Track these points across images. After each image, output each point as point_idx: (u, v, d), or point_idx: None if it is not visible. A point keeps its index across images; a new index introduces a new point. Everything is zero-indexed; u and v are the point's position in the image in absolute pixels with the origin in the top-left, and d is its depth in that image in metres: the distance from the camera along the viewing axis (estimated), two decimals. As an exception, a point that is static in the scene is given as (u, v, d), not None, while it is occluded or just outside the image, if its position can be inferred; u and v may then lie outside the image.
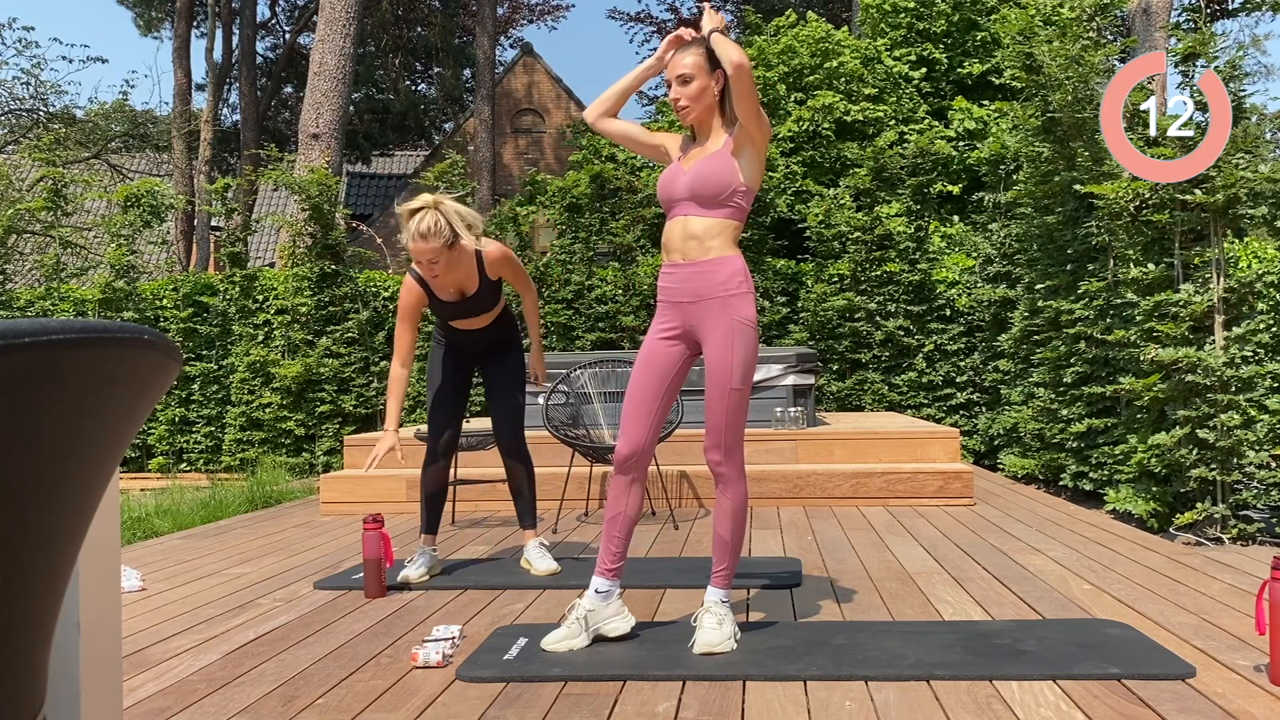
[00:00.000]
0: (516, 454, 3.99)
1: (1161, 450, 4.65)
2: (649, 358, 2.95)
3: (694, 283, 2.86)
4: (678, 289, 2.90)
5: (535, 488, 4.08)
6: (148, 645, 3.09)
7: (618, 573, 2.93)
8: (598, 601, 2.89)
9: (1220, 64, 4.76)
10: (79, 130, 21.28)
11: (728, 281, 2.83)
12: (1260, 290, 4.70)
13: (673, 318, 2.93)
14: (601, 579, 2.92)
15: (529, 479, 4.02)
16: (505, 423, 3.96)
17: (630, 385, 2.96)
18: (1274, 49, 54.78)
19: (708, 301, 2.85)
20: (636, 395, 2.93)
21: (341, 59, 11.41)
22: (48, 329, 0.70)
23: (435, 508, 3.96)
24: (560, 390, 5.58)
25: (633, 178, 9.25)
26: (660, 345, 2.94)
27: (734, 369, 2.83)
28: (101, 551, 1.24)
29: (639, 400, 2.92)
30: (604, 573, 2.92)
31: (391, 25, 23.79)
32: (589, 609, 2.88)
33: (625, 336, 8.72)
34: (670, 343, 2.94)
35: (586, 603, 2.89)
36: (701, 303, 2.85)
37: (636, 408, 2.92)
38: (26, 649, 0.81)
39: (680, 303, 2.90)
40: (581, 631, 2.86)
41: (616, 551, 2.93)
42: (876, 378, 8.30)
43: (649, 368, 2.94)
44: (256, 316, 9.09)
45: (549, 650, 2.82)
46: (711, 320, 2.85)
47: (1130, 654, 2.66)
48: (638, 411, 2.92)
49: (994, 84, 10.89)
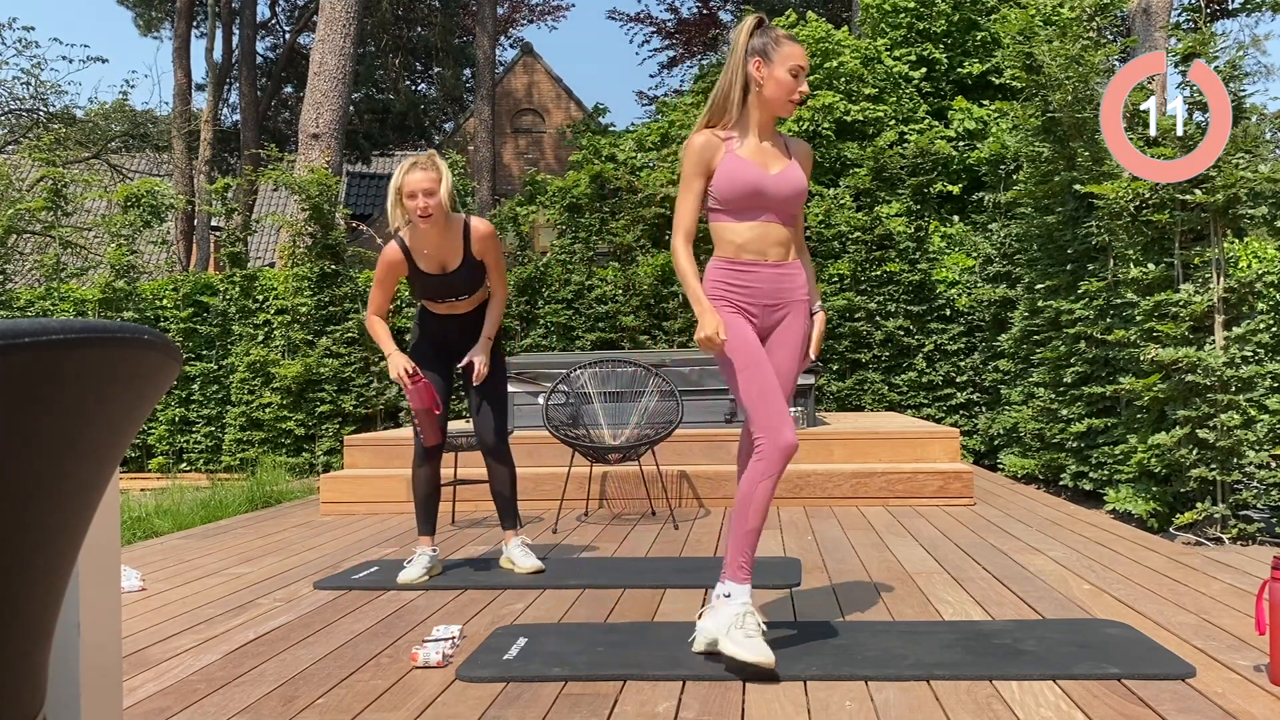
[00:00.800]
0: (500, 455, 3.95)
1: (1161, 450, 4.65)
2: (758, 347, 2.79)
3: (779, 284, 2.85)
4: (763, 289, 2.84)
5: (517, 489, 4.05)
6: (148, 645, 3.09)
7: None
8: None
9: (1220, 64, 4.76)
10: (79, 130, 21.28)
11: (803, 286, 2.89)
12: (1260, 290, 4.70)
13: (754, 315, 2.85)
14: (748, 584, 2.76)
15: (511, 481, 3.98)
16: (487, 423, 3.92)
17: (760, 379, 2.73)
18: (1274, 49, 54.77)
19: (795, 303, 2.86)
20: (772, 385, 2.75)
21: (341, 59, 11.41)
22: (48, 329, 0.70)
23: (430, 510, 3.93)
24: (560, 390, 5.58)
25: (633, 178, 9.25)
26: (754, 335, 2.83)
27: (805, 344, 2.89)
28: (101, 551, 1.24)
29: (776, 388, 2.76)
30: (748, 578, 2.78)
31: (391, 25, 23.79)
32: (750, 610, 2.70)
33: (625, 336, 8.72)
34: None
35: (748, 610, 2.69)
36: (785, 304, 2.86)
37: (779, 398, 2.76)
38: (26, 649, 0.81)
39: (766, 304, 2.85)
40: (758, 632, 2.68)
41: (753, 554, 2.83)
42: (876, 378, 8.30)
43: (763, 357, 2.78)
44: (256, 316, 9.09)
45: (750, 662, 2.53)
46: (791, 316, 2.87)
47: (1130, 654, 2.66)
48: (781, 403, 2.76)
49: (994, 84, 10.89)
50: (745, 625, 2.61)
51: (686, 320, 8.68)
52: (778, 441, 2.70)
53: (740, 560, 2.72)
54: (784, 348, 2.87)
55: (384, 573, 4.01)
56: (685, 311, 8.73)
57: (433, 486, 3.93)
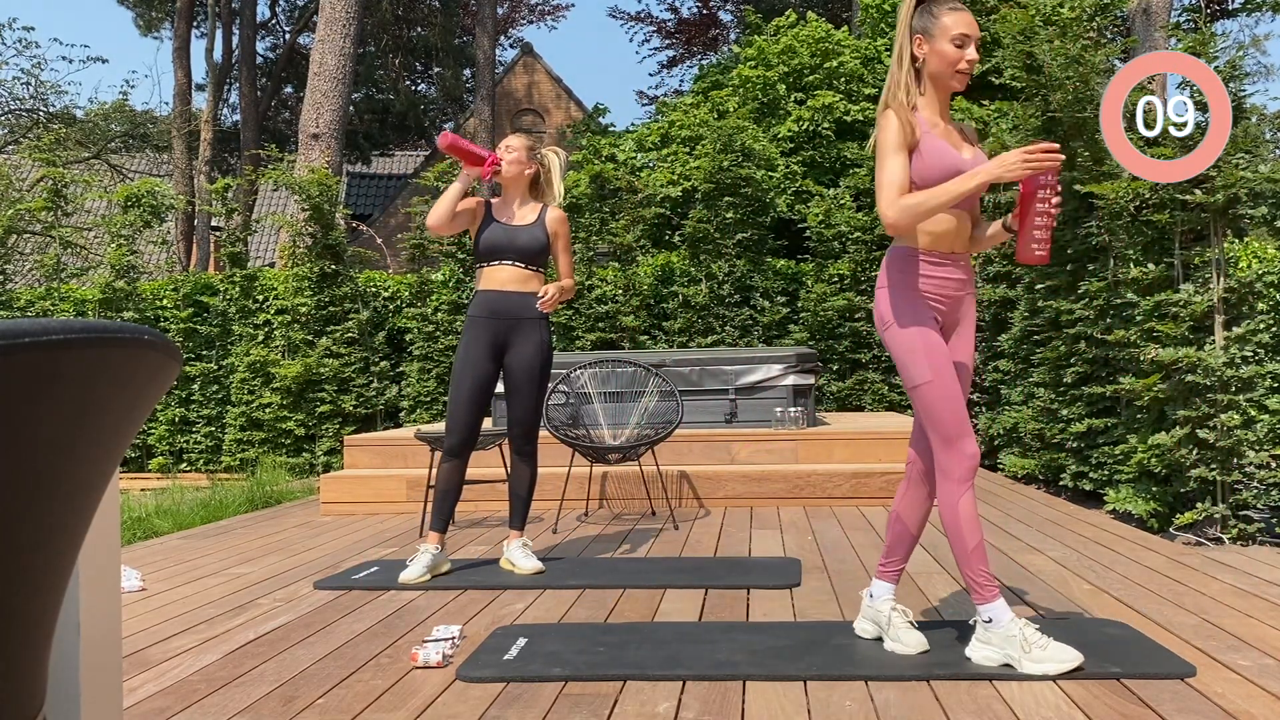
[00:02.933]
0: (526, 455, 4.01)
1: (1161, 450, 4.65)
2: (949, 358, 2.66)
3: (970, 275, 2.74)
4: (964, 280, 2.71)
5: (534, 492, 4.08)
6: (148, 645, 3.09)
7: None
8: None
9: (1220, 64, 4.76)
10: (79, 130, 21.28)
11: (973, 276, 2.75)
12: (1260, 290, 4.70)
13: (946, 312, 2.71)
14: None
15: (531, 482, 4.03)
16: (522, 423, 3.97)
17: (954, 390, 2.62)
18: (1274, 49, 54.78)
19: (970, 296, 2.74)
20: (960, 397, 2.64)
21: (341, 59, 11.41)
22: (48, 329, 0.70)
23: (447, 506, 3.91)
24: (560, 390, 5.58)
25: (633, 178, 9.25)
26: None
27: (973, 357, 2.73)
28: (101, 551, 1.24)
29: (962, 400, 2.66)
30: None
31: (391, 25, 23.79)
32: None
33: (625, 336, 8.72)
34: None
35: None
36: (969, 297, 2.73)
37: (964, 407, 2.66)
38: (26, 649, 0.81)
39: (959, 295, 2.71)
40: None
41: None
42: (876, 378, 8.30)
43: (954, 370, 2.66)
44: (256, 316, 9.09)
45: (1069, 670, 2.52)
46: (966, 311, 2.75)
47: (1130, 654, 2.66)
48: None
49: (994, 84, 10.89)
50: (1029, 639, 2.56)
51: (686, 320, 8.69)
52: (966, 452, 2.61)
53: (981, 580, 2.61)
54: (965, 344, 2.74)
55: (384, 573, 4.01)
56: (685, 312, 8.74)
57: (453, 483, 3.91)
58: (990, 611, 2.60)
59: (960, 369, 2.73)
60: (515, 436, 3.99)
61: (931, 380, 2.59)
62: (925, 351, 2.60)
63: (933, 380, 2.59)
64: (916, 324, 2.62)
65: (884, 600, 2.84)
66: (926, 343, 2.61)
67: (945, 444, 2.60)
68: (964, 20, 2.63)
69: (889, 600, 2.84)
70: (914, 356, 2.61)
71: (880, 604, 2.84)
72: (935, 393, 2.59)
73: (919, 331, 2.62)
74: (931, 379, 2.59)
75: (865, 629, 2.89)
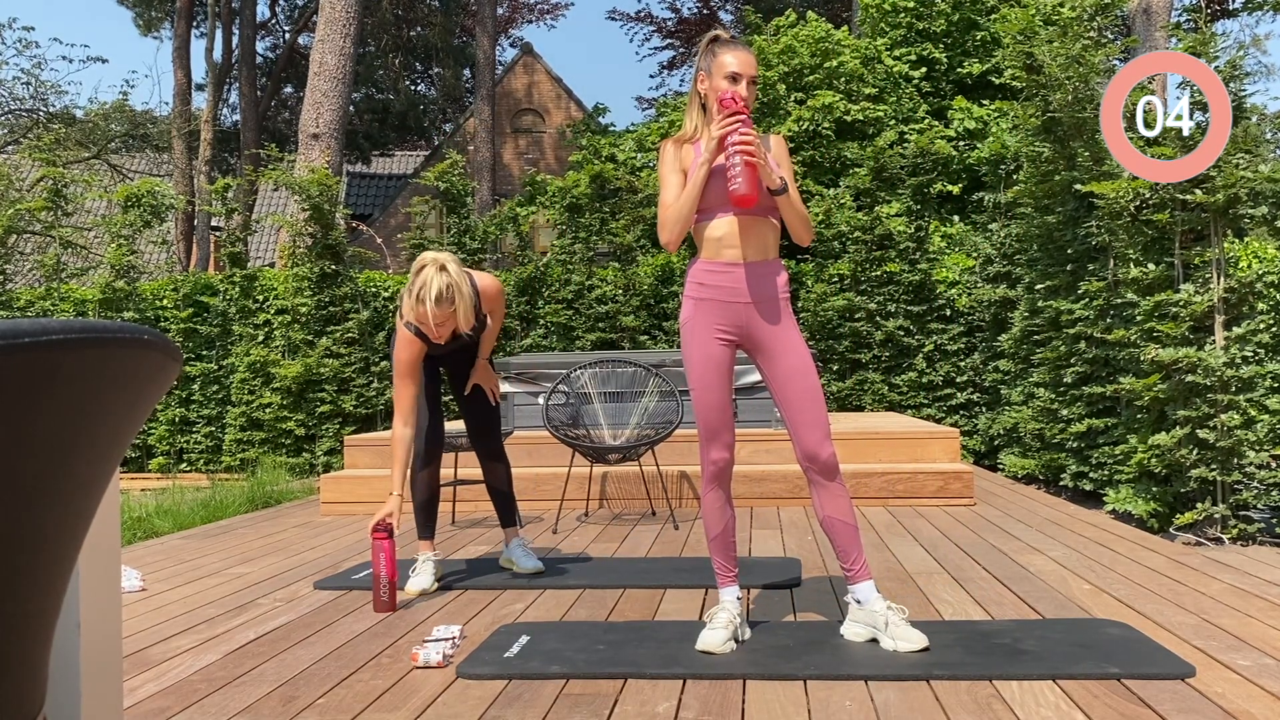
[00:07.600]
0: (497, 455, 3.98)
1: (1161, 450, 4.65)
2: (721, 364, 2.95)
3: (773, 282, 2.91)
4: (754, 288, 2.90)
5: (513, 486, 4.07)
6: (148, 645, 3.09)
7: (736, 576, 3.00)
8: (738, 606, 2.93)
9: (1220, 64, 4.76)
10: (79, 130, 21.27)
11: (785, 286, 2.94)
12: (1260, 290, 4.70)
13: (743, 321, 2.92)
14: (734, 586, 2.97)
15: (508, 477, 4.01)
16: (482, 424, 3.94)
17: (711, 400, 2.91)
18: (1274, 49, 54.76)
19: (776, 300, 2.91)
20: (717, 406, 2.94)
21: (341, 59, 11.41)
22: (48, 329, 0.70)
23: (431, 514, 3.91)
24: (560, 390, 5.58)
25: (633, 178, 9.25)
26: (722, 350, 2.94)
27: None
28: (101, 551, 1.24)
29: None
30: (733, 581, 2.98)
31: (391, 25, 23.79)
32: (736, 613, 2.90)
33: (625, 336, 8.72)
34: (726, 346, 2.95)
35: (734, 609, 2.89)
36: (772, 302, 2.91)
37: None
38: (26, 649, 0.81)
39: (750, 303, 2.90)
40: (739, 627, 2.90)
41: (733, 558, 2.98)
42: (876, 378, 8.30)
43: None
44: (256, 316, 9.09)
45: (710, 651, 2.77)
46: (772, 315, 2.91)
47: (1130, 654, 2.66)
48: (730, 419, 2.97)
49: (994, 84, 10.89)
50: (729, 622, 2.85)
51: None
52: (710, 457, 2.97)
53: (715, 568, 3.01)
54: (784, 347, 2.94)
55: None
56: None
57: (432, 491, 3.91)
58: (725, 595, 2.93)
59: (790, 372, 2.88)
60: (477, 439, 3.94)
61: (694, 389, 2.91)
62: (695, 362, 2.90)
63: (694, 389, 2.91)
64: (694, 334, 2.90)
65: (877, 601, 2.85)
66: (700, 354, 2.89)
67: (701, 447, 2.96)
68: (740, 60, 2.86)
69: (882, 600, 2.85)
70: (688, 365, 2.92)
71: (874, 606, 2.84)
72: (696, 401, 2.92)
73: (696, 342, 2.90)
74: (694, 388, 2.91)
75: (858, 632, 2.88)
